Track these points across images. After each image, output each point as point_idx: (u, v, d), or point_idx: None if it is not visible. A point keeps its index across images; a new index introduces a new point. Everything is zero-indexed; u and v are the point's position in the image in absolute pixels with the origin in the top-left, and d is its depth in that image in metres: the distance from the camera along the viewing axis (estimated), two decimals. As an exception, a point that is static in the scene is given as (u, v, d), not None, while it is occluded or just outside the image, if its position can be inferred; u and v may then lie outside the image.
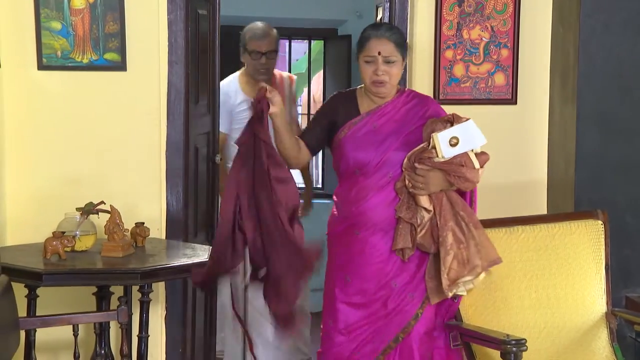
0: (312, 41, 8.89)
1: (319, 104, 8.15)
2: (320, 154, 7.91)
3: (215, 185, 5.38)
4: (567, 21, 4.89)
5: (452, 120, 3.72)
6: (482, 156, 3.73)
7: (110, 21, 4.69)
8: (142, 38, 4.76)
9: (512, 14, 5.02)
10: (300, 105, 8.95)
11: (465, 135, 3.67)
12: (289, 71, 7.67)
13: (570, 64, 4.84)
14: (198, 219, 5.12)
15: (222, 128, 5.32)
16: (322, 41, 8.73)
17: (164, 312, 4.88)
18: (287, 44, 8.55)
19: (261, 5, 7.73)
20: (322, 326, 4.04)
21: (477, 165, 3.67)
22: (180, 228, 4.88)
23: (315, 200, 5.95)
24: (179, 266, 4.12)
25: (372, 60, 3.83)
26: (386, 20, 5.18)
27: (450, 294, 3.73)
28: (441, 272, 3.69)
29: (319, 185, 8.60)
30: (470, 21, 5.01)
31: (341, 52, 8.19)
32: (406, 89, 3.95)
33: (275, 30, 5.36)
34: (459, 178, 3.68)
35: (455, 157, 3.66)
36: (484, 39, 5.03)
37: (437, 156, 3.69)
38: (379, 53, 3.82)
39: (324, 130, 4.00)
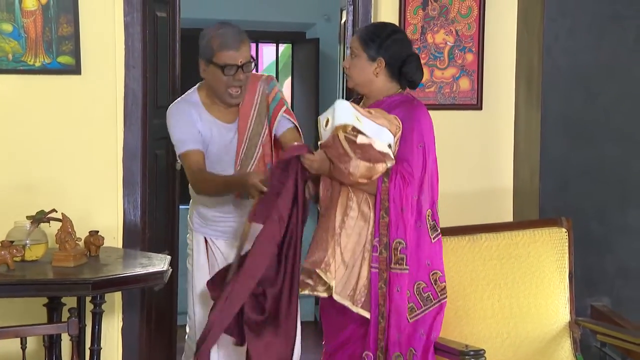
0: (280, 45, 8.79)
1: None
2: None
3: (176, 193, 5.28)
4: (532, 25, 4.84)
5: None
6: (371, 150, 3.46)
7: (63, 23, 4.60)
8: (97, 41, 4.68)
9: (477, 18, 4.98)
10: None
11: (333, 114, 3.50)
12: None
13: (534, 68, 4.79)
14: (156, 228, 5.02)
15: (192, 145, 4.06)
16: (290, 45, 8.64)
17: (121, 324, 4.79)
18: (255, 48, 8.45)
19: (226, 7, 7.64)
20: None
21: (349, 152, 3.44)
22: (137, 237, 4.80)
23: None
24: (133, 276, 4.03)
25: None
26: (349, 23, 5.13)
27: (302, 290, 3.62)
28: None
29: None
30: (435, 25, 4.96)
31: (309, 56, 8.11)
32: (407, 94, 3.79)
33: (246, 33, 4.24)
34: (331, 161, 3.52)
35: (331, 138, 3.48)
36: (448, 43, 4.98)
37: (321, 139, 3.57)
38: (350, 47, 3.79)
39: None
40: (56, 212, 4.16)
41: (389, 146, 3.51)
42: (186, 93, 4.15)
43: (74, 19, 4.59)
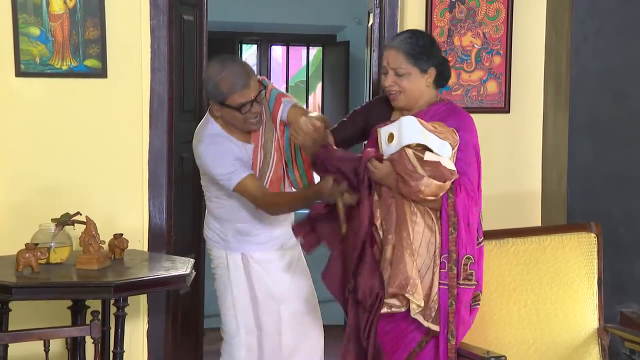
0: (311, 48, 8.78)
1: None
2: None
3: (202, 196, 5.26)
4: (560, 27, 4.80)
5: None
6: (440, 168, 3.41)
7: (90, 27, 4.62)
8: (123, 44, 4.69)
9: (505, 20, 4.93)
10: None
11: (399, 131, 3.44)
12: (287, 80, 7.53)
13: (562, 70, 4.75)
14: (183, 231, 5.02)
15: (244, 172, 3.94)
16: (321, 49, 8.62)
17: (147, 326, 4.79)
18: (284, 50, 8.46)
19: (255, 11, 7.62)
20: None
21: (420, 170, 3.39)
22: (162, 240, 4.80)
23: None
24: (155, 279, 4.03)
25: (385, 70, 3.70)
26: (376, 26, 5.09)
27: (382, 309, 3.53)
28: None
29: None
30: (462, 27, 4.92)
31: (339, 59, 8.09)
32: (447, 100, 3.76)
33: (247, 64, 4.14)
34: (400, 177, 3.44)
35: (398, 155, 3.43)
36: (475, 45, 4.94)
37: (382, 152, 3.51)
38: (388, 63, 3.68)
39: (357, 129, 3.90)
40: (80, 215, 4.16)
41: (450, 161, 3.48)
42: (203, 125, 4.05)
43: (100, 22, 4.61)
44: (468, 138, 3.58)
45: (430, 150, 3.40)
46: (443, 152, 3.44)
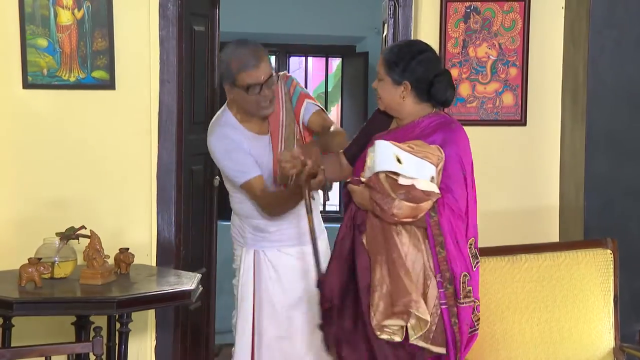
0: (332, 60, 8.71)
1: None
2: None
3: (214, 209, 5.20)
4: (577, 38, 4.72)
5: None
6: (414, 191, 3.32)
7: (98, 38, 4.61)
8: (132, 55, 4.68)
9: (521, 31, 4.87)
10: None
11: (374, 157, 3.37)
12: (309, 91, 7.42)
13: (579, 82, 4.67)
14: (192, 245, 4.97)
15: (253, 172, 3.93)
16: (340, 59, 8.56)
17: (154, 343, 4.75)
18: (303, 62, 8.40)
19: (273, 21, 7.57)
20: None
21: (392, 194, 3.31)
22: (171, 254, 4.76)
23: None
24: (160, 295, 3.97)
25: None
26: (390, 37, 5.04)
27: (381, 335, 3.40)
28: (370, 310, 3.41)
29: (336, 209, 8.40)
30: (477, 38, 4.86)
31: (358, 70, 8.01)
32: (442, 113, 3.64)
33: (260, 45, 4.08)
34: (374, 201, 3.37)
35: (373, 178, 3.36)
36: (491, 57, 4.87)
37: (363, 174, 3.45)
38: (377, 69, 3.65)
39: (360, 145, 3.76)
40: (85, 228, 4.12)
41: (432, 179, 3.36)
42: (218, 116, 4.04)
43: (108, 33, 4.61)
44: (455, 153, 3.45)
45: (405, 177, 3.32)
46: (422, 172, 3.34)
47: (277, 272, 4.03)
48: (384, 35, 5.29)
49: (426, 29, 4.81)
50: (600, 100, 4.58)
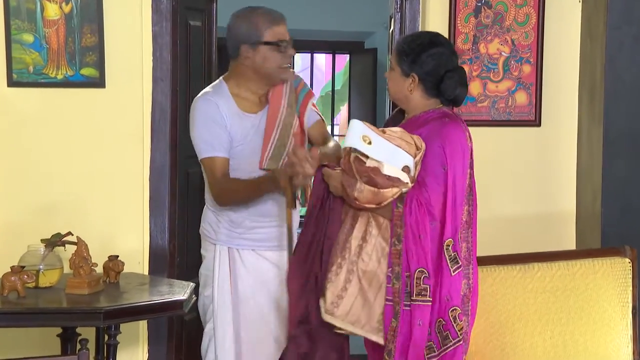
0: (337, 56, 8.59)
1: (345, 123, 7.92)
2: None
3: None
4: (595, 34, 4.63)
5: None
6: (378, 175, 3.26)
7: (87, 33, 4.55)
8: (123, 52, 4.61)
9: (535, 26, 4.78)
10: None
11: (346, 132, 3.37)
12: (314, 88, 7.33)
13: (597, 80, 4.58)
14: (188, 252, 4.83)
15: (221, 152, 3.83)
16: (348, 55, 8.44)
17: (147, 356, 4.66)
18: (309, 58, 8.26)
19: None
20: None
21: (356, 175, 3.27)
22: (165, 262, 4.67)
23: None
24: (149, 305, 3.82)
25: None
26: (397, 32, 4.98)
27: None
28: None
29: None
30: (488, 34, 4.77)
31: (366, 66, 7.89)
32: (445, 110, 3.53)
33: None
34: (342, 184, 3.37)
35: (345, 159, 3.34)
36: (503, 53, 4.78)
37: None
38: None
39: None
40: (72, 234, 4.02)
41: (407, 168, 3.27)
42: (212, 85, 3.91)
43: (98, 28, 4.54)
44: (437, 146, 3.34)
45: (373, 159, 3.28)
46: (394, 159, 3.27)
47: (252, 276, 3.84)
48: (391, 30, 5.23)
49: (434, 24, 4.69)
50: (619, 99, 4.50)
